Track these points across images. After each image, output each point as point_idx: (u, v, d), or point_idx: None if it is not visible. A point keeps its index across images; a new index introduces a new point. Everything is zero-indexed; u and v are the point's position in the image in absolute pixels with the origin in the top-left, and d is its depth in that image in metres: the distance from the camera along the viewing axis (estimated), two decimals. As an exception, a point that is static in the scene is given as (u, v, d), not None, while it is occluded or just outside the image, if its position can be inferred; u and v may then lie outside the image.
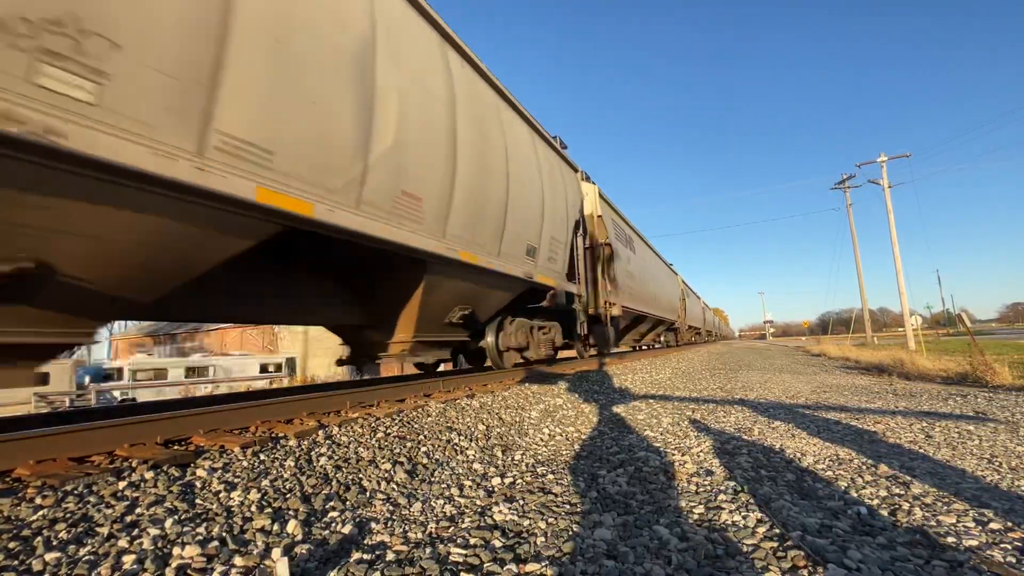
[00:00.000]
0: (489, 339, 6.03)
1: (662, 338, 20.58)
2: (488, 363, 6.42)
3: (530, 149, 5.98)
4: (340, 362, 4.89)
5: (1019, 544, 1.67)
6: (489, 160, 4.82)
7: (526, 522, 1.89)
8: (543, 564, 1.53)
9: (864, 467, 2.64)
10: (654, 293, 14.70)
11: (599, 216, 9.39)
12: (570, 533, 1.79)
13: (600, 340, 9.26)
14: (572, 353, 9.51)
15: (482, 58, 4.96)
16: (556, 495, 2.24)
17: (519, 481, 2.46)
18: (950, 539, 1.72)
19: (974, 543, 1.68)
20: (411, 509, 2.03)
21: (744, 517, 1.91)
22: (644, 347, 18.69)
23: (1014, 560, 1.56)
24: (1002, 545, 1.67)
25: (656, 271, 15.81)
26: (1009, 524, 1.84)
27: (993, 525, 1.83)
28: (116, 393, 19.00)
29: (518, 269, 5.54)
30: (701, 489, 2.31)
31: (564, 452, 3.12)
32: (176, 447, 2.51)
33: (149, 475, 2.02)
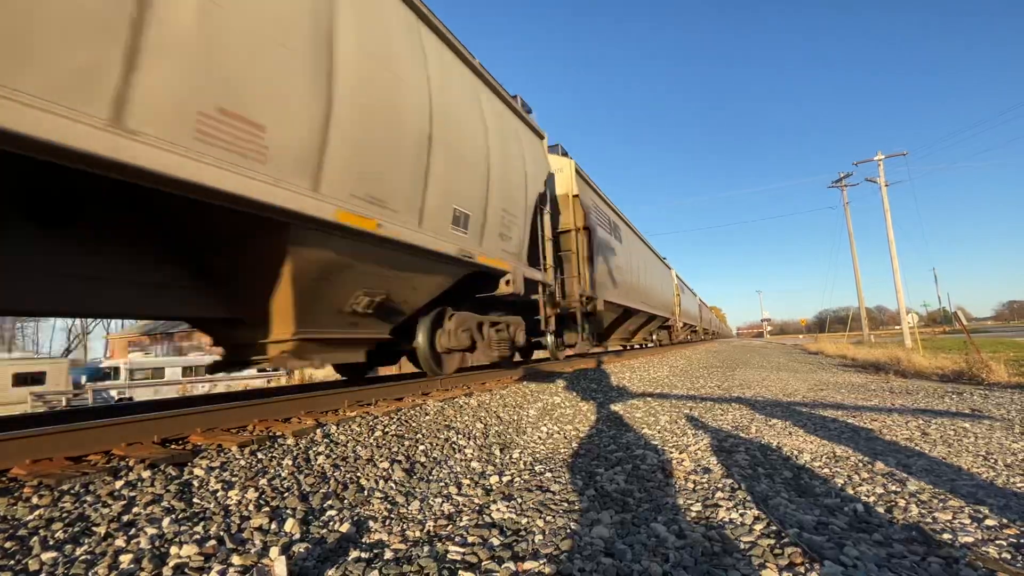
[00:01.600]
0: (420, 338, 4.74)
1: (655, 336, 18.84)
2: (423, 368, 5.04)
3: (471, 96, 4.84)
4: (211, 368, 3.83)
5: (1014, 540, 1.68)
6: (394, 91, 3.56)
7: (524, 520, 1.89)
8: (541, 562, 1.53)
9: (861, 464, 2.65)
10: (645, 287, 13.58)
11: (575, 196, 8.12)
12: (568, 531, 1.79)
13: (576, 338, 8.09)
14: (545, 353, 8.36)
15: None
16: (554, 493, 2.25)
17: (517, 479, 2.46)
18: (946, 536, 1.73)
19: (970, 539, 1.69)
20: (409, 507, 2.03)
21: (741, 514, 1.92)
22: (636, 346, 17.41)
23: (1009, 556, 1.57)
24: (997, 541, 1.68)
25: (647, 264, 14.51)
26: (1004, 520, 1.85)
27: (988, 522, 1.84)
28: (113, 392, 18.97)
29: (449, 245, 4.25)
30: (698, 487, 2.31)
31: (562, 450, 3.13)
32: (173, 446, 2.51)
33: (146, 474, 2.02)
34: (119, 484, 1.92)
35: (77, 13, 1.88)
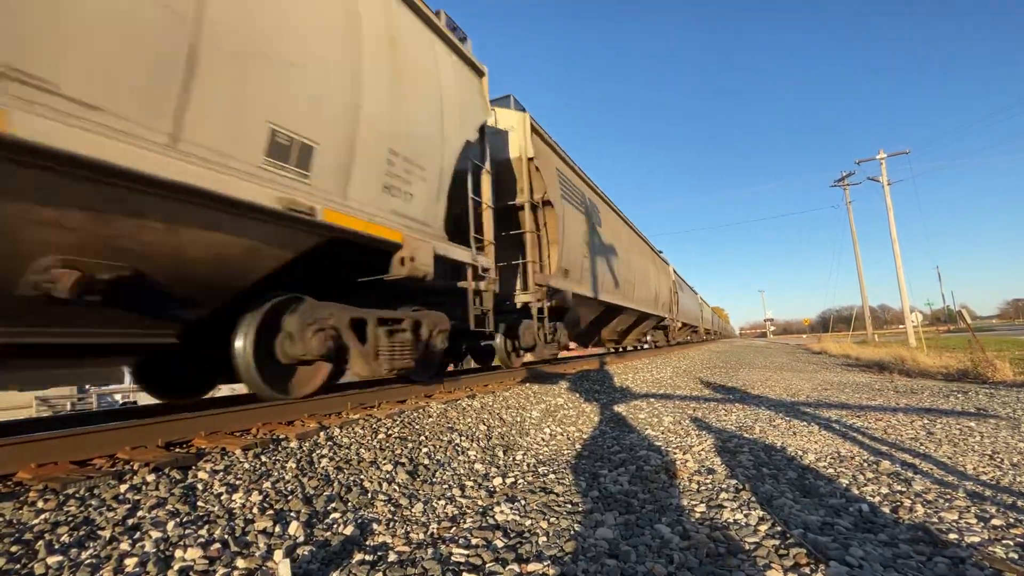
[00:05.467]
0: (238, 343, 3.14)
1: (649, 337, 17.34)
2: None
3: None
4: None
5: (1021, 540, 1.67)
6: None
7: (528, 522, 1.89)
8: (545, 564, 1.53)
9: (866, 464, 2.64)
10: (633, 282, 11.94)
11: (531, 159, 6.52)
12: (572, 532, 1.79)
13: (533, 339, 6.61)
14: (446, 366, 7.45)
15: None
16: (558, 495, 2.24)
17: (520, 481, 2.46)
18: (952, 536, 1.72)
19: (976, 539, 1.68)
20: (413, 510, 2.03)
21: (746, 515, 1.91)
22: (629, 348, 16.31)
23: (1016, 556, 1.56)
24: (1004, 541, 1.67)
25: (636, 256, 12.83)
26: (1011, 520, 1.84)
27: (995, 521, 1.83)
28: (117, 396, 19.02)
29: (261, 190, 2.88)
30: (703, 487, 2.30)
31: (565, 451, 3.12)
32: (178, 449, 2.51)
33: (151, 478, 2.03)
34: (124, 488, 1.92)
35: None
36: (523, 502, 2.13)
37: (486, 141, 5.65)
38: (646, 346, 17.75)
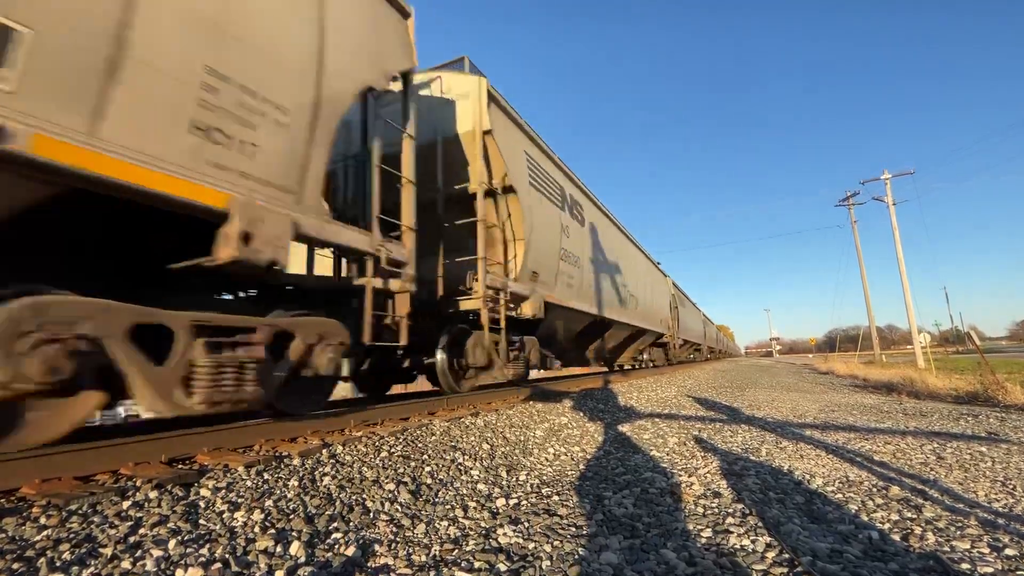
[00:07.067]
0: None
1: (645, 355, 15.78)
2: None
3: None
4: None
5: (1036, 571, 1.63)
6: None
7: (531, 545, 1.87)
8: (549, 589, 1.51)
9: (875, 489, 2.59)
10: (626, 293, 10.70)
11: (487, 133, 5.21)
12: (576, 556, 1.76)
13: (487, 357, 5.28)
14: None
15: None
16: (561, 517, 2.21)
17: (524, 502, 2.44)
18: (964, 565, 1.68)
19: (989, 570, 1.64)
20: (415, 531, 2.01)
21: (753, 541, 1.88)
22: (626, 367, 15.07)
23: (1031, 588, 1.52)
24: (1018, 572, 1.63)
25: (630, 264, 11.50)
26: (1025, 550, 1.80)
27: (1009, 551, 1.79)
28: (120, 410, 19.00)
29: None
30: (708, 511, 2.27)
31: (569, 472, 3.09)
32: (180, 466, 2.51)
33: (153, 494, 2.02)
34: (126, 504, 1.92)
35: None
36: (526, 524, 2.10)
37: (410, 98, 4.27)
38: (641, 366, 15.90)
